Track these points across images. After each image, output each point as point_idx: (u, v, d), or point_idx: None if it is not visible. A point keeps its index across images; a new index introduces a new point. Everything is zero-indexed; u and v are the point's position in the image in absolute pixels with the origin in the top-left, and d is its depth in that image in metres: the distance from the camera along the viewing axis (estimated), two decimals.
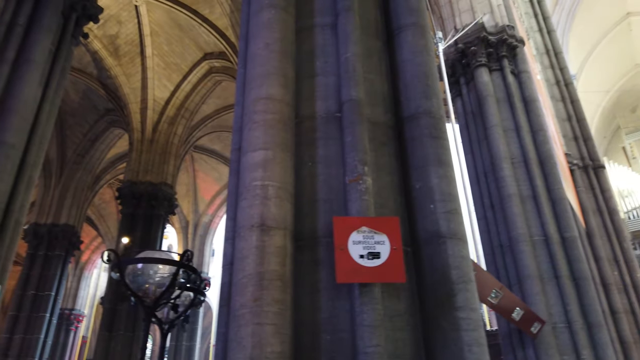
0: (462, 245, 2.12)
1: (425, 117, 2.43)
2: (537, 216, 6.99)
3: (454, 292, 1.98)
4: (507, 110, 7.84)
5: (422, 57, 2.61)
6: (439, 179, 2.24)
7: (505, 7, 8.76)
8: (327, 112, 2.39)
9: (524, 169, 7.37)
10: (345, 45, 2.52)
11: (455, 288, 1.99)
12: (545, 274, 6.57)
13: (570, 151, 12.36)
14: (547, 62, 13.45)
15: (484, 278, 4.36)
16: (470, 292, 2.00)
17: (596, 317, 6.39)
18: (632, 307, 10.72)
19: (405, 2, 2.79)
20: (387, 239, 1.90)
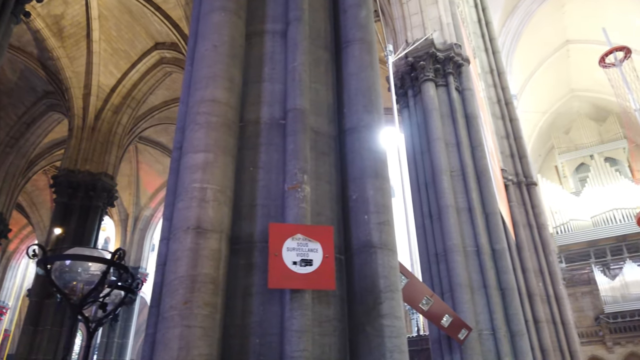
0: (392, 255, 2.23)
1: (366, 130, 2.53)
2: (471, 228, 7.35)
3: (380, 300, 2.08)
4: (450, 124, 8.19)
5: (367, 72, 2.70)
6: (375, 191, 2.34)
7: (454, 26, 9.15)
8: (272, 119, 2.43)
9: (462, 182, 7.72)
10: (293, 54, 2.57)
11: (383, 296, 2.09)
12: (475, 283, 6.92)
13: (506, 167, 13.04)
14: (490, 81, 14.12)
15: (416, 285, 4.54)
16: (395, 300, 2.10)
17: (519, 325, 6.80)
18: (554, 317, 11.47)
19: (355, 17, 2.88)
20: (320, 247, 1.97)
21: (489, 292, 6.87)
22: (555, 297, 11.66)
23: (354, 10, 2.92)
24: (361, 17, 2.90)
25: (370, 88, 2.67)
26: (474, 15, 15.38)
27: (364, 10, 2.93)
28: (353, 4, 2.95)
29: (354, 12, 2.91)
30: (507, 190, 12.50)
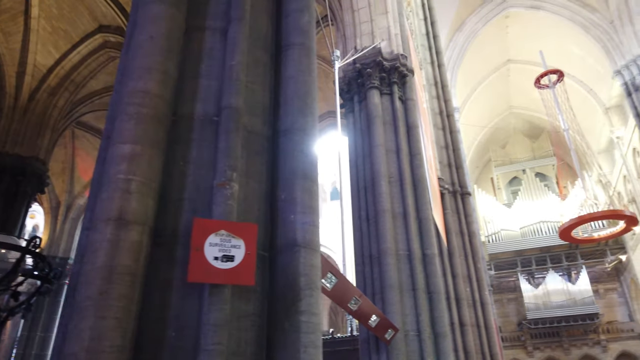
0: (314, 255, 2.31)
1: (299, 133, 2.60)
2: (405, 232, 7.63)
3: (300, 297, 2.16)
4: (392, 132, 8.46)
5: (305, 76, 2.78)
6: (302, 192, 2.42)
7: (402, 38, 9.45)
8: (205, 115, 2.45)
9: (399, 188, 8.00)
10: (232, 52, 2.61)
11: (302, 294, 2.17)
12: (405, 285, 7.20)
13: (443, 176, 13.60)
14: (434, 93, 14.66)
15: (346, 286, 4.68)
16: (314, 298, 2.19)
17: (443, 327, 7.14)
18: (478, 321, 12.09)
19: (296, 22, 2.96)
20: (243, 243, 2.02)
21: (417, 294, 7.17)
22: (480, 303, 12.30)
23: (296, 15, 3.00)
24: (303, 22, 2.98)
25: (306, 92, 2.75)
26: (422, 28, 15.92)
27: (305, 16, 3.01)
28: (295, 8, 3.02)
29: (295, 17, 2.99)
30: (443, 198, 13.04)
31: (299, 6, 3.03)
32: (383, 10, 9.54)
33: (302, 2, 3.06)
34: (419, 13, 16.14)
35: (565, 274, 31.14)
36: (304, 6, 3.04)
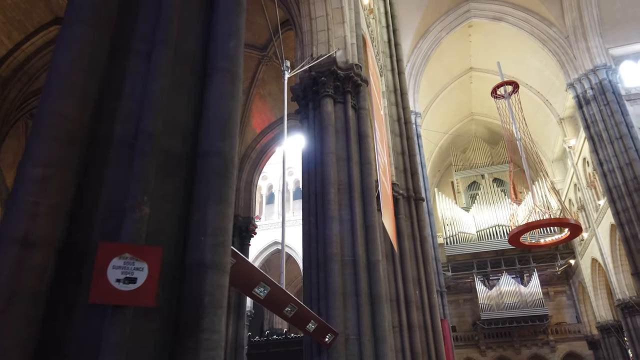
0: (222, 275, 2.46)
1: (216, 156, 2.73)
2: (351, 239, 7.85)
3: (203, 316, 2.30)
4: (343, 140, 8.67)
5: (227, 101, 2.91)
6: (215, 215, 2.56)
7: (357, 47, 9.67)
8: (124, 137, 2.55)
9: (348, 195, 8.21)
10: (155, 76, 2.71)
11: (205, 312, 2.31)
12: (348, 291, 7.42)
13: (398, 182, 13.95)
14: (393, 100, 14.99)
15: (280, 294, 4.84)
16: (217, 317, 2.33)
17: (383, 332, 7.40)
18: (425, 323, 12.51)
19: (224, 47, 3.08)
20: (146, 266, 2.14)
21: (359, 300, 7.40)
22: (429, 305, 12.71)
23: (224, 39, 3.12)
24: (230, 47, 3.10)
25: (227, 117, 2.88)
26: (385, 35, 16.23)
27: (233, 41, 3.13)
28: (224, 33, 3.14)
29: (223, 41, 3.11)
30: (397, 203, 13.38)
31: (228, 31, 3.16)
32: (340, 19, 9.74)
33: (232, 27, 3.19)
34: (382, 20, 16.45)
35: (518, 276, 32.37)
36: (232, 31, 3.17)
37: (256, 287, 4.22)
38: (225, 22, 3.17)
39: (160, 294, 2.21)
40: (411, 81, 26.60)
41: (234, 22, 3.21)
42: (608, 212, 22.34)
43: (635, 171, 19.95)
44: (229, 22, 3.19)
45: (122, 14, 2.89)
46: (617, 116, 21.04)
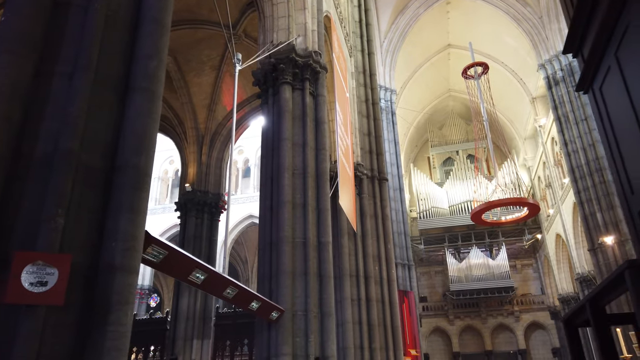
0: (130, 276, 2.89)
1: (132, 170, 3.12)
2: (303, 222, 8.33)
3: (110, 312, 2.74)
4: (300, 127, 9.03)
5: (145, 119, 3.28)
6: (127, 223, 2.97)
7: (318, 34, 9.91)
8: (44, 155, 2.91)
9: (302, 180, 8.64)
10: (75, 97, 3.05)
11: (113, 309, 2.75)
12: (298, 270, 7.94)
13: (364, 162, 14.41)
14: (362, 81, 15.27)
15: (218, 279, 5.30)
16: (123, 312, 2.78)
17: (329, 308, 7.99)
18: (383, 297, 13.23)
19: (144, 67, 3.42)
20: (57, 271, 2.55)
21: (308, 278, 7.94)
22: (387, 280, 13.41)
23: (145, 60, 3.45)
24: (150, 68, 3.44)
25: (144, 134, 3.26)
26: (356, 15, 16.35)
27: (154, 62, 3.47)
28: (145, 54, 3.47)
29: (145, 62, 3.44)
30: (361, 183, 13.88)
31: (150, 52, 3.49)
32: (301, 6, 9.93)
33: (153, 48, 3.52)
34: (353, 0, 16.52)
35: (487, 249, 33.59)
36: (154, 53, 3.50)
37: (192, 274, 4.67)
38: (147, 44, 3.50)
39: (71, 293, 2.64)
40: (388, 58, 26.77)
41: (155, 44, 3.53)
42: (572, 190, 23.23)
43: (597, 152, 20.71)
44: (151, 44, 3.52)
45: (48, 40, 3.20)
46: (584, 98, 21.63)
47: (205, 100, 15.93)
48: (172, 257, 4.31)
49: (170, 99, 15.85)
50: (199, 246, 14.33)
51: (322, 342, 7.80)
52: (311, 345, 7.45)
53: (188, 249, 14.44)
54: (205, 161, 15.68)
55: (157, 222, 25.98)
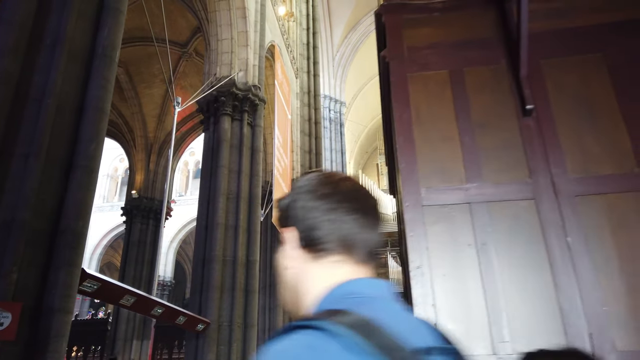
0: (66, 315, 3.90)
1: (71, 233, 4.11)
2: (234, 242, 9.40)
3: (49, 343, 3.75)
4: (237, 154, 10.07)
5: (84, 191, 4.28)
6: (65, 275, 3.97)
7: (259, 68, 10.96)
8: (5, 222, 3.86)
9: (235, 204, 9.69)
10: (29, 176, 4.01)
11: (51, 340, 3.76)
12: (226, 286, 9.01)
13: None
14: (306, 101, 16.43)
15: (145, 301, 6.30)
16: (59, 342, 3.79)
17: (252, 320, 9.12)
18: None
19: (86, 149, 4.40)
20: (10, 315, 3.54)
21: (235, 293, 9.03)
22: None
23: (87, 143, 4.44)
24: (90, 149, 4.43)
25: (83, 203, 4.25)
26: (304, 38, 17.45)
27: (94, 144, 4.46)
28: (87, 138, 4.45)
29: (86, 144, 4.43)
30: None
31: (91, 136, 4.47)
32: (245, 42, 10.93)
33: (93, 132, 4.50)
34: (302, 23, 17.61)
35: None
36: (94, 136, 4.49)
37: (123, 298, 5.65)
38: (89, 129, 4.48)
39: (20, 330, 3.63)
40: (339, 71, 28.09)
41: (96, 128, 4.52)
42: None
43: None
44: (92, 128, 4.50)
45: (8, 125, 4.13)
46: None
47: (155, 110, 16.60)
48: (105, 287, 5.30)
49: (121, 107, 16.42)
50: (143, 251, 15.06)
51: (244, 350, 8.91)
52: (233, 352, 8.55)
53: (132, 254, 15.17)
54: (153, 169, 16.38)
55: (105, 220, 26.20)
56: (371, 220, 0.69)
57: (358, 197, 0.69)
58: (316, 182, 0.70)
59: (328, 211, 0.66)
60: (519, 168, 2.02)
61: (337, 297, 0.63)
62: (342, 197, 0.68)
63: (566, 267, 1.85)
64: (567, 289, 1.82)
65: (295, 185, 0.73)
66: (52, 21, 4.55)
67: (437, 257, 1.95)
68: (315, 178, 0.72)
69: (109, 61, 4.75)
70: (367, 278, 0.67)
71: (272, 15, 13.66)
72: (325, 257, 0.67)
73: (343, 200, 0.67)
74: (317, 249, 0.67)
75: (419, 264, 1.94)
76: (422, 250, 1.96)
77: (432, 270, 1.94)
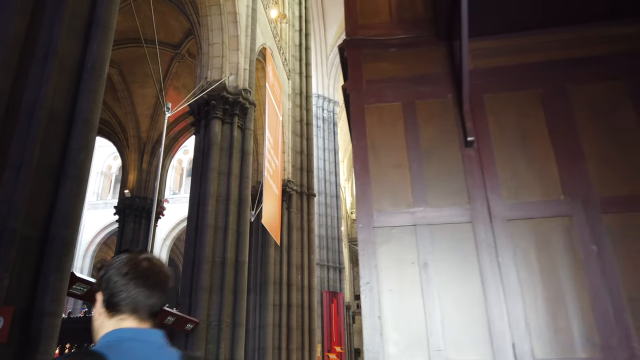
0: (56, 319, 4.12)
1: (61, 240, 4.33)
2: (223, 243, 9.62)
3: (40, 344, 3.97)
4: (227, 157, 10.28)
5: (73, 200, 4.49)
6: (55, 281, 4.19)
7: (250, 72, 11.16)
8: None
9: (225, 206, 9.91)
10: (21, 186, 4.22)
11: (42, 342, 3.98)
12: (215, 286, 9.24)
13: (294, 179, 15.81)
14: (298, 102, 16.63)
15: None
16: (49, 344, 4.01)
17: (240, 319, 9.35)
18: (303, 302, 14.74)
19: (75, 159, 4.61)
20: (2, 319, 3.76)
21: (224, 293, 9.26)
22: (308, 288, 14.93)
23: (76, 153, 4.65)
24: (79, 159, 4.64)
25: (72, 211, 4.47)
26: (297, 39, 17.63)
27: (82, 154, 4.67)
28: (76, 148, 4.66)
29: (75, 154, 4.64)
30: (290, 199, 15.29)
31: (79, 146, 4.68)
32: (235, 47, 11.11)
33: (83, 143, 4.71)
34: (295, 24, 17.79)
35: None
36: (83, 146, 4.70)
37: None
38: (78, 140, 4.69)
39: (12, 333, 3.85)
40: (333, 70, 28.26)
41: (84, 139, 4.73)
42: None
43: None
44: (82, 139, 4.71)
45: (1, 137, 4.33)
46: None
47: (148, 110, 16.76)
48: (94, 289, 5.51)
49: (114, 107, 16.57)
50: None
51: (232, 348, 9.15)
52: (222, 351, 8.79)
53: None
54: (146, 168, 16.55)
55: (98, 218, 26.34)
56: (156, 293, 1.01)
57: (149, 276, 1.01)
58: (122, 262, 1.02)
59: (123, 285, 0.99)
60: (460, 194, 2.26)
61: (107, 338, 0.98)
62: (136, 275, 1.00)
63: (496, 284, 2.09)
64: (495, 303, 2.06)
65: (109, 262, 1.05)
66: (44, 36, 4.75)
67: (384, 274, 2.19)
68: (122, 259, 1.03)
69: (97, 75, 4.96)
70: (136, 328, 1.00)
71: (264, 18, 13.85)
72: (117, 315, 1.00)
73: (136, 278, 0.99)
74: (113, 310, 1.00)
75: (368, 280, 2.18)
76: (372, 268, 2.20)
77: (380, 286, 2.17)
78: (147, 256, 1.06)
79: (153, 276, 1.02)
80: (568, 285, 2.02)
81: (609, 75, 2.28)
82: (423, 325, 2.06)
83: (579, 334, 1.95)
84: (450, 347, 2.00)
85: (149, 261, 1.04)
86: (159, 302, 1.03)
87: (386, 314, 2.12)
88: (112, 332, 0.99)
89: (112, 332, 0.99)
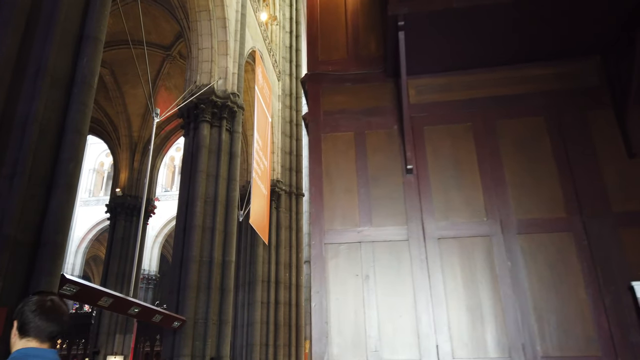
0: None
1: (52, 245, 4.63)
2: (210, 243, 9.94)
3: None
4: (215, 160, 10.59)
5: (63, 206, 4.80)
6: (45, 284, 4.50)
7: (239, 76, 11.45)
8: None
9: (213, 207, 10.23)
10: (14, 195, 4.52)
11: None
12: (202, 285, 9.57)
13: (284, 179, 16.14)
14: (288, 103, 16.92)
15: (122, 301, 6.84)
16: None
17: (227, 316, 9.69)
18: (291, 300, 15.11)
19: (65, 168, 4.91)
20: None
21: (211, 292, 9.59)
22: (296, 285, 15.29)
23: (66, 162, 4.95)
24: (69, 168, 4.95)
25: (62, 217, 4.77)
26: (287, 41, 17.90)
27: (72, 163, 4.97)
28: (67, 158, 4.96)
29: (65, 164, 4.94)
30: (279, 198, 15.61)
31: (70, 156, 4.98)
32: (224, 52, 11.40)
33: (73, 153, 5.01)
34: (285, 26, 18.05)
35: None
36: (73, 156, 5.00)
37: (100, 300, 6.18)
38: (69, 149, 4.99)
39: (7, 332, 4.15)
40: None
41: (74, 149, 5.03)
42: None
43: None
44: (72, 149, 5.01)
45: None
46: None
47: (140, 109, 17.00)
48: (83, 290, 5.84)
49: (106, 107, 16.80)
50: (127, 247, 15.53)
51: (218, 345, 9.49)
52: (208, 347, 9.13)
53: (116, 250, 15.64)
54: (138, 167, 16.80)
55: (91, 214, 26.54)
56: (54, 324, 1.43)
57: (50, 312, 1.43)
58: (33, 302, 1.46)
59: (30, 318, 1.42)
60: (400, 215, 2.60)
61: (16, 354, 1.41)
62: (40, 311, 1.42)
63: (425, 294, 2.43)
64: (424, 310, 2.40)
65: (24, 301, 1.49)
66: (35, 51, 5.03)
67: (332, 285, 2.53)
68: (34, 299, 1.47)
69: (87, 87, 5.25)
70: (36, 348, 1.41)
71: (254, 21, 14.12)
72: (25, 337, 1.42)
73: (40, 314, 1.42)
74: (22, 333, 1.42)
75: (318, 289, 2.52)
76: (322, 279, 2.54)
77: (328, 295, 2.51)
78: (52, 298, 1.48)
79: (52, 312, 1.45)
80: (485, 295, 2.37)
81: (529, 111, 2.63)
82: (363, 329, 2.41)
83: (492, 337, 2.30)
84: (385, 348, 2.35)
85: (52, 302, 1.47)
86: (57, 329, 1.45)
87: (332, 319, 2.46)
88: (21, 350, 1.40)
89: (21, 349, 1.40)
